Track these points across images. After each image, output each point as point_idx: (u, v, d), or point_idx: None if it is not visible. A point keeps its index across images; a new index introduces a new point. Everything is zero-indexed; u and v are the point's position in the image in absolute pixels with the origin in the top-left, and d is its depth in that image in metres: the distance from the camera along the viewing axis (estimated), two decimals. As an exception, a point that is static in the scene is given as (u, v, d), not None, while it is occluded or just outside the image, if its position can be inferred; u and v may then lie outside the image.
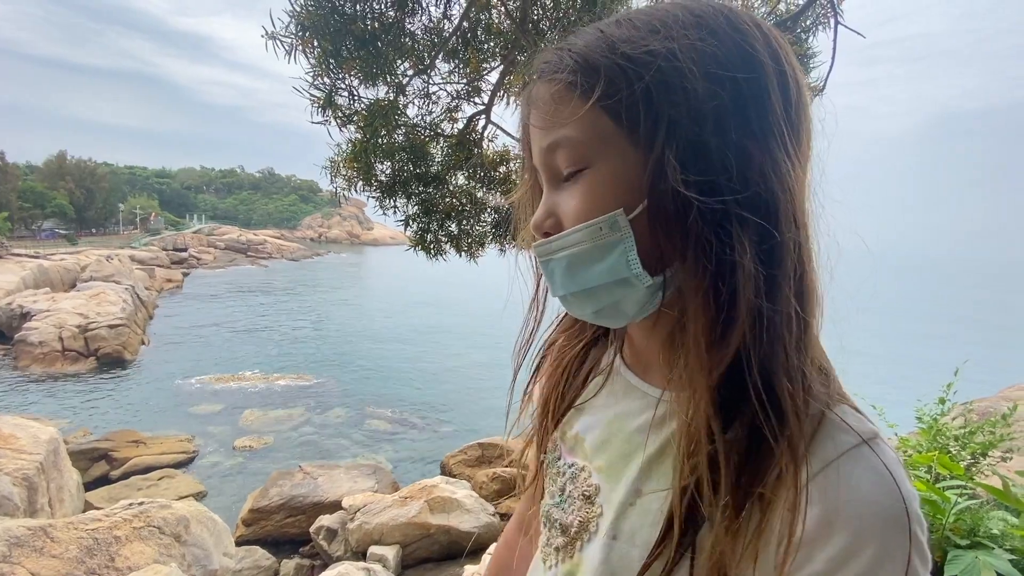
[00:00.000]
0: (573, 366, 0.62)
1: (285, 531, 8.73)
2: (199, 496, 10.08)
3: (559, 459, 0.60)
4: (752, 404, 0.41)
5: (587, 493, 0.55)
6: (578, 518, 0.55)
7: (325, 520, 8.04)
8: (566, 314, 0.64)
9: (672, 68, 0.42)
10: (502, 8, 2.42)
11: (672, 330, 0.48)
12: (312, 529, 8.09)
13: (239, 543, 7.84)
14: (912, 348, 30.57)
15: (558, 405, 0.61)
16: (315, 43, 1.96)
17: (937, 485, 1.87)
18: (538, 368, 0.66)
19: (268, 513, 8.84)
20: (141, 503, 5.39)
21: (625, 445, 0.53)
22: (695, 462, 0.43)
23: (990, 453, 2.70)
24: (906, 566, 0.37)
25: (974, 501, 1.88)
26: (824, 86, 2.08)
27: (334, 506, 8.55)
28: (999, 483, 1.68)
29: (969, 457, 2.67)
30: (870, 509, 0.38)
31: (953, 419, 3.32)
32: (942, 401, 2.93)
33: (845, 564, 0.38)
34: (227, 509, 9.79)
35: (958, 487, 1.84)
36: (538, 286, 0.59)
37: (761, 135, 0.43)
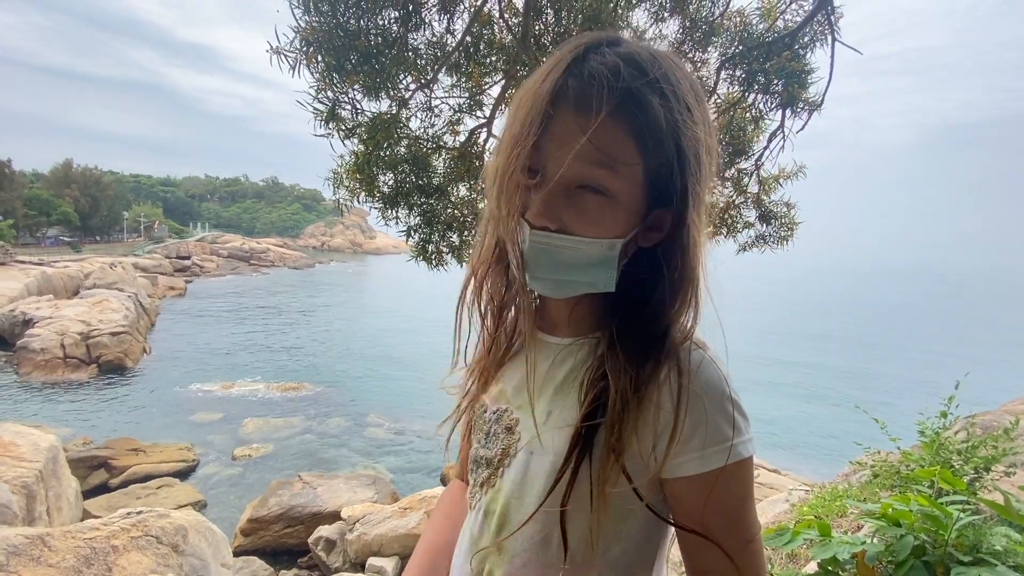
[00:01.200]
0: (501, 343, 0.74)
1: (283, 541, 8.67)
2: (198, 505, 10.02)
3: (484, 412, 0.73)
4: (632, 340, 0.60)
5: (509, 426, 0.68)
6: (500, 447, 0.68)
7: (324, 531, 7.98)
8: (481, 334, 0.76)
9: (688, 157, 0.56)
10: (504, 23, 2.46)
11: (579, 299, 0.63)
12: (311, 540, 8.03)
13: (237, 553, 7.78)
14: (915, 357, 30.39)
15: (488, 369, 0.74)
16: (319, 58, 1.99)
17: (939, 500, 1.86)
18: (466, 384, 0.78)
19: (267, 523, 8.78)
20: (139, 512, 5.37)
21: (538, 383, 0.67)
22: (596, 381, 0.59)
23: (993, 467, 2.67)
24: (732, 418, 0.57)
25: (977, 517, 1.85)
26: (822, 102, 2.10)
27: (333, 516, 8.49)
28: (1002, 499, 1.67)
29: (972, 472, 2.65)
30: (704, 388, 0.57)
31: (956, 433, 3.30)
32: (944, 415, 2.91)
33: (699, 426, 0.57)
34: (226, 519, 9.73)
35: (961, 502, 1.83)
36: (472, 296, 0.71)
37: (700, 199, 0.60)
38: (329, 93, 2.12)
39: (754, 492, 0.62)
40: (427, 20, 2.32)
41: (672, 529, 0.64)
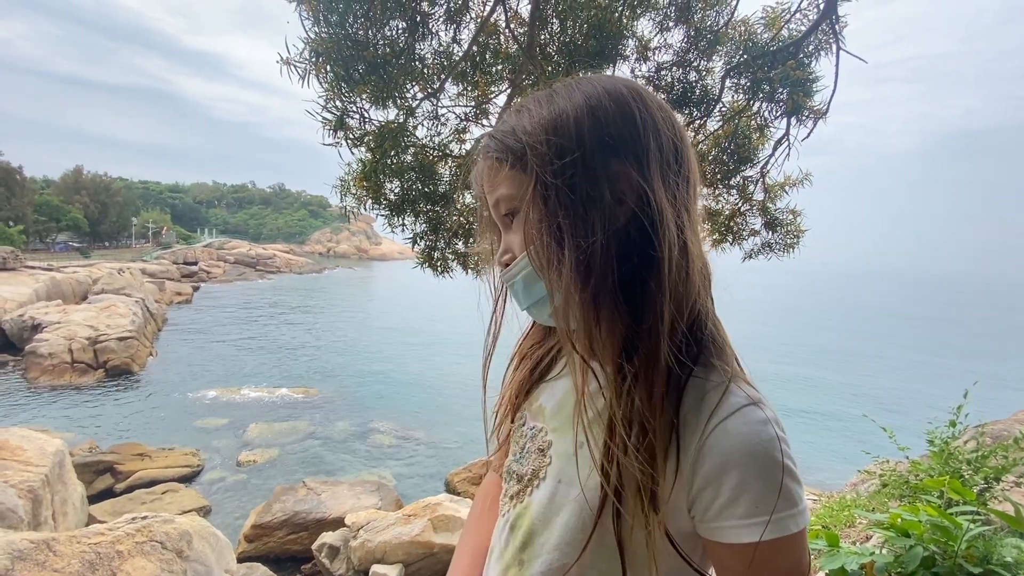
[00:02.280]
0: (544, 357, 0.76)
1: (287, 548, 8.65)
2: (202, 511, 10.03)
3: (523, 424, 0.74)
4: (647, 373, 0.56)
5: (542, 447, 0.69)
6: (531, 467, 0.68)
7: (328, 537, 7.96)
8: (533, 325, 0.79)
9: (543, 132, 0.58)
10: (510, 33, 2.49)
11: (608, 323, 0.61)
12: (315, 546, 8.01)
13: (241, 559, 7.77)
14: (920, 365, 30.08)
15: (528, 382, 0.75)
16: (328, 68, 2.02)
17: (949, 511, 1.84)
18: (511, 364, 0.80)
19: (271, 529, 8.77)
20: (144, 517, 5.38)
21: (573, 410, 0.64)
22: (615, 421, 0.57)
23: (1003, 478, 2.64)
24: (779, 486, 0.52)
25: (987, 528, 1.84)
26: (827, 110, 2.11)
27: (337, 523, 8.48)
28: (1012, 510, 1.65)
29: (982, 482, 2.62)
30: (753, 451, 0.53)
31: (965, 442, 3.27)
32: (953, 424, 2.89)
33: (742, 492, 0.53)
34: (230, 524, 9.73)
35: (970, 513, 1.81)
36: (495, 306, 0.74)
37: (631, 173, 0.57)
38: (337, 103, 2.15)
39: (809, 562, 0.57)
40: (434, 30, 2.35)
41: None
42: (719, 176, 2.96)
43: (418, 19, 2.19)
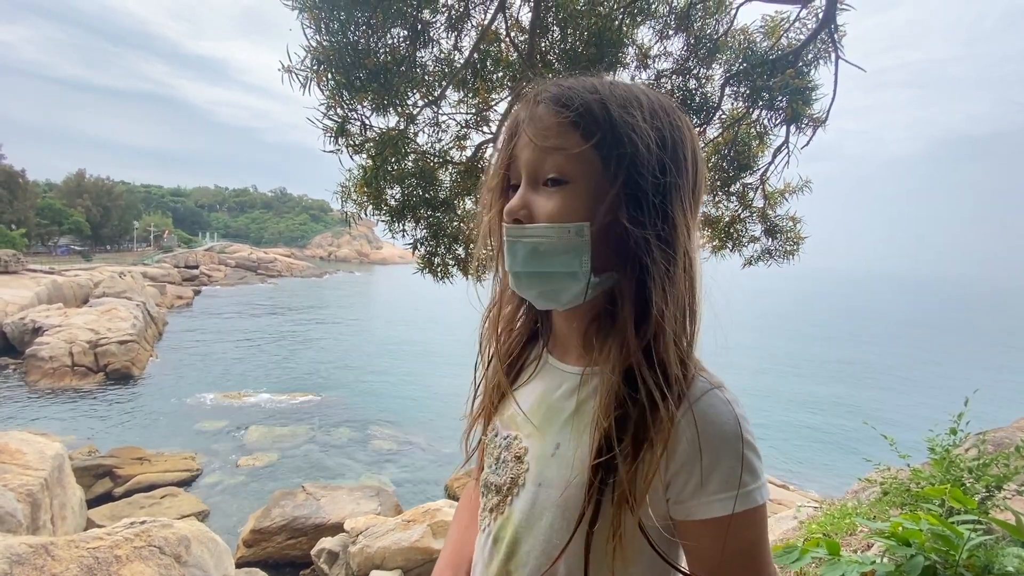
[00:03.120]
0: (516, 362, 0.76)
1: (286, 553, 8.62)
2: (201, 515, 10.00)
3: (496, 435, 0.74)
4: (649, 374, 0.58)
5: (518, 454, 0.69)
6: (510, 476, 0.68)
7: (327, 543, 7.93)
8: (504, 331, 0.78)
9: (641, 139, 0.59)
10: (510, 41, 2.50)
11: (588, 324, 0.65)
12: (313, 552, 7.98)
13: (240, 564, 7.74)
14: (923, 372, 29.98)
15: (505, 385, 0.75)
16: (329, 76, 2.03)
17: (950, 519, 1.83)
18: (482, 347, 0.79)
19: (270, 534, 8.74)
20: (143, 522, 5.36)
21: (548, 412, 0.68)
22: (608, 419, 0.59)
23: (1005, 486, 2.63)
24: (744, 460, 0.57)
25: (989, 537, 1.83)
26: (826, 118, 2.12)
27: (336, 528, 8.44)
28: (1014, 519, 1.65)
29: (983, 490, 2.61)
30: (720, 431, 0.57)
31: (966, 450, 3.25)
32: (954, 432, 2.87)
33: (714, 470, 0.57)
34: (229, 529, 9.70)
35: (972, 522, 1.80)
36: (489, 311, 0.75)
37: (677, 198, 0.61)
38: (339, 110, 2.16)
39: (768, 537, 0.61)
40: (435, 38, 2.37)
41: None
42: (719, 183, 2.96)
43: (419, 27, 2.21)
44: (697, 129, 2.86)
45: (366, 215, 2.71)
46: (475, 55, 2.48)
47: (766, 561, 0.60)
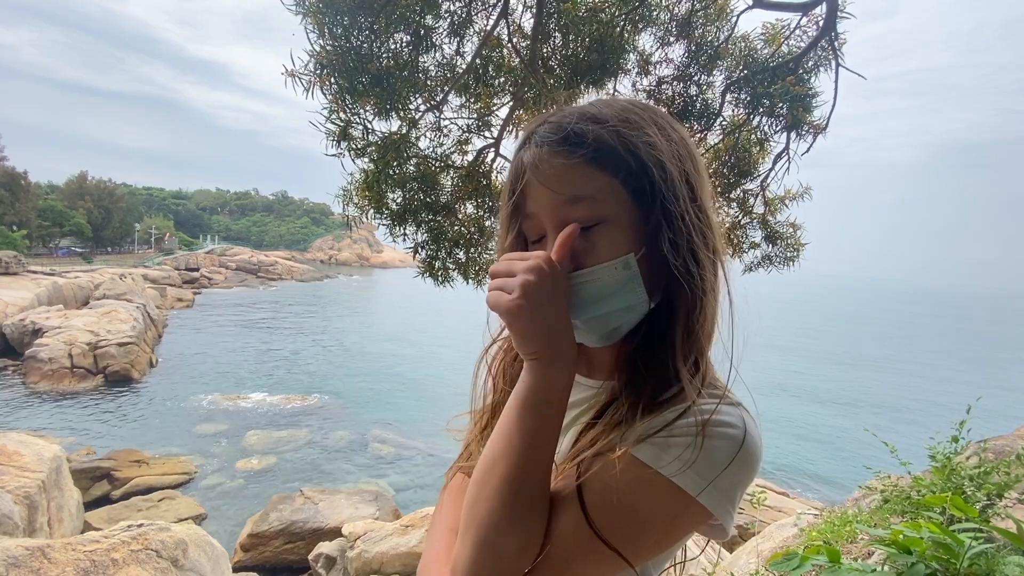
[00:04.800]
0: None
1: (284, 557, 8.58)
2: (199, 519, 9.96)
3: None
4: (668, 378, 0.60)
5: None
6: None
7: (324, 547, 7.89)
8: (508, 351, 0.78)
9: (664, 161, 0.59)
10: (512, 47, 2.52)
11: (623, 342, 0.64)
12: (311, 556, 7.94)
13: (237, 569, 7.70)
14: (923, 382, 29.90)
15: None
16: (332, 80, 2.04)
17: (951, 528, 1.83)
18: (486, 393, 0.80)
19: (267, 538, 8.70)
20: (140, 525, 5.34)
21: (568, 423, 0.68)
22: (619, 417, 0.59)
23: (1006, 494, 2.62)
24: (727, 465, 0.55)
25: (990, 545, 1.82)
26: (827, 125, 2.13)
27: (334, 533, 8.41)
28: (1015, 527, 1.64)
29: (984, 498, 2.60)
30: (723, 435, 0.56)
31: (968, 458, 3.24)
32: (955, 440, 2.87)
33: (693, 446, 0.55)
34: (226, 532, 9.66)
35: (973, 530, 1.79)
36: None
37: (703, 216, 0.61)
38: (341, 114, 2.17)
39: (675, 544, 0.61)
40: (437, 43, 2.38)
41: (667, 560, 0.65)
42: (719, 189, 2.97)
43: (422, 32, 2.22)
44: (698, 135, 2.87)
45: (367, 219, 2.72)
46: (477, 60, 2.50)
47: (653, 549, 0.59)
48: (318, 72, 2.01)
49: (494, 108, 2.68)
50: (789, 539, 4.20)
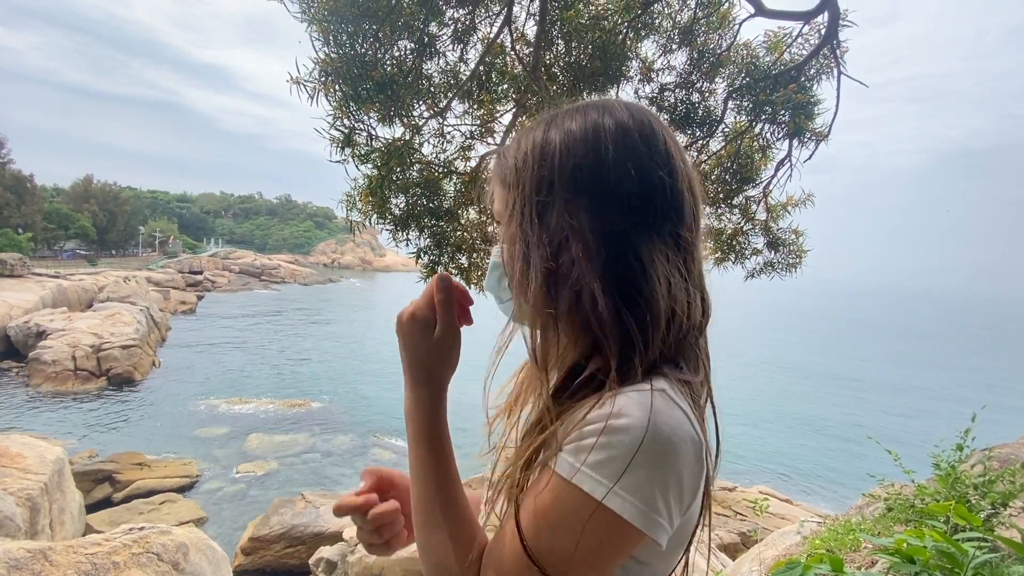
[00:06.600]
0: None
1: (284, 562, 8.56)
2: (200, 522, 9.95)
3: (507, 446, 0.77)
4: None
5: (509, 455, 0.71)
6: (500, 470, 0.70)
7: (325, 552, 7.87)
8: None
9: (530, 167, 0.63)
10: (515, 54, 2.53)
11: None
12: (312, 561, 7.92)
13: (238, 573, 7.69)
14: (927, 387, 29.72)
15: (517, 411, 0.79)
16: (336, 87, 2.06)
17: (955, 536, 1.81)
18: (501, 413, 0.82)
19: (268, 543, 8.68)
20: (141, 528, 5.34)
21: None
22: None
23: (1011, 503, 2.60)
24: (629, 461, 0.50)
25: (994, 554, 1.81)
26: (829, 132, 2.13)
27: (335, 537, 8.38)
28: (1019, 536, 1.63)
29: (989, 507, 2.58)
30: (620, 422, 0.52)
31: (972, 466, 3.22)
32: (960, 447, 2.85)
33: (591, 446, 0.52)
34: (227, 536, 9.65)
35: (977, 539, 1.78)
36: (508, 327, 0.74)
37: (606, 216, 0.60)
38: (346, 120, 2.18)
39: (595, 559, 0.52)
40: (441, 51, 2.40)
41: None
42: (721, 195, 2.98)
43: (426, 40, 2.24)
44: (700, 142, 2.88)
45: (371, 224, 2.73)
46: (480, 68, 2.51)
47: (569, 558, 0.52)
48: (323, 79, 2.03)
49: (497, 115, 2.70)
50: (792, 547, 4.17)
